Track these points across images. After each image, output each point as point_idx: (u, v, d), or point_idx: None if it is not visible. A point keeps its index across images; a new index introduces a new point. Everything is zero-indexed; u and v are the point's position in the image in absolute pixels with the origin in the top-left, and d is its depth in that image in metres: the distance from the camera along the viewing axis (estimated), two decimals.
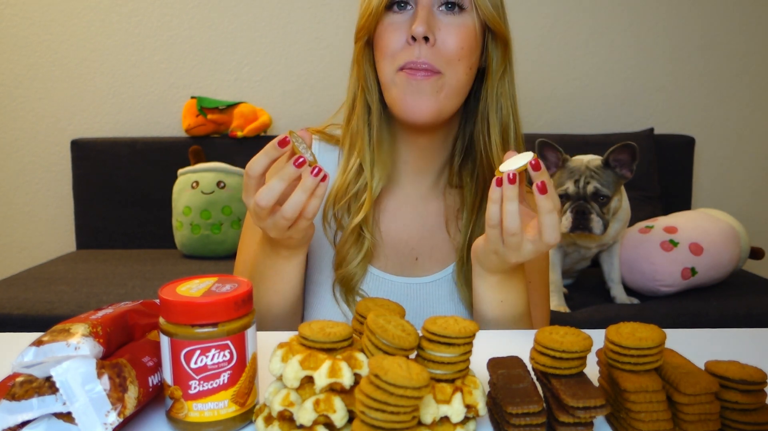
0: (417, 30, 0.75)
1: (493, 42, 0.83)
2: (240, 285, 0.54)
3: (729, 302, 1.72)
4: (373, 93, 0.85)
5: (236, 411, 0.52)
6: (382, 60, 0.80)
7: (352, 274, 0.86)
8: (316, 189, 0.68)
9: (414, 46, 0.77)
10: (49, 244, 2.46)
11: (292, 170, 0.67)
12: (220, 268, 2.01)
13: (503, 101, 0.84)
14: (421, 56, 0.77)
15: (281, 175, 0.67)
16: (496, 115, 0.84)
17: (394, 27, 0.79)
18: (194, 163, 2.20)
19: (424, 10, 0.77)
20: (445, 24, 0.78)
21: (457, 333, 0.49)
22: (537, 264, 0.92)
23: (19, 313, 1.63)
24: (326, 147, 0.92)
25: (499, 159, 0.84)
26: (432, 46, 0.77)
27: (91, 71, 2.39)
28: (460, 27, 0.79)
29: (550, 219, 0.67)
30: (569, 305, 1.74)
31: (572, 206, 1.64)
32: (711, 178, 2.50)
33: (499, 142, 0.84)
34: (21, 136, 2.42)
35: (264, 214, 0.69)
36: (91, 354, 0.50)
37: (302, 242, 0.77)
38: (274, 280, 0.81)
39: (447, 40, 0.78)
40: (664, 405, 0.49)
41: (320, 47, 2.38)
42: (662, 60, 2.42)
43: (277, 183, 0.68)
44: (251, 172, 0.69)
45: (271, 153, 0.68)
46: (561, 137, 2.20)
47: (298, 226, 0.71)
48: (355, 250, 0.86)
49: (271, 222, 0.70)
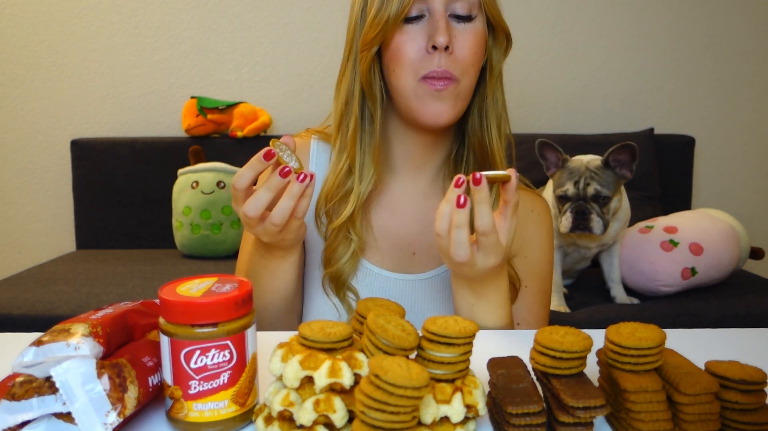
0: (440, 41, 0.77)
1: (494, 40, 0.85)
2: (240, 285, 0.54)
3: (729, 302, 1.72)
4: (377, 101, 0.85)
5: (236, 411, 0.52)
6: (400, 70, 0.80)
7: (341, 271, 0.86)
8: (303, 192, 0.69)
9: (434, 55, 0.78)
10: (49, 244, 2.46)
11: (278, 180, 0.68)
12: (220, 268, 2.01)
13: (498, 95, 0.86)
14: (441, 65, 0.78)
15: (268, 185, 0.69)
16: (493, 111, 0.86)
17: (411, 37, 0.79)
18: (194, 163, 2.20)
19: (442, 20, 0.78)
20: (459, 31, 0.80)
21: (457, 333, 0.49)
22: (534, 269, 0.91)
23: (19, 313, 1.63)
24: (324, 146, 0.93)
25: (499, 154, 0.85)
26: (450, 54, 0.79)
27: (91, 71, 2.39)
28: (473, 33, 0.80)
29: (456, 234, 0.68)
30: (569, 305, 1.74)
31: (572, 206, 1.64)
32: (711, 178, 2.50)
33: (497, 137, 0.86)
34: (21, 136, 2.42)
35: (254, 222, 0.71)
36: (91, 354, 0.50)
37: (295, 242, 0.78)
38: (269, 280, 0.82)
39: (463, 47, 0.79)
40: (664, 405, 0.49)
41: (320, 47, 2.38)
42: (662, 60, 2.42)
43: (264, 193, 0.69)
44: (237, 185, 0.70)
45: (257, 166, 0.69)
46: (561, 137, 2.20)
47: (289, 227, 0.73)
48: (344, 248, 0.86)
49: (262, 229, 0.72)
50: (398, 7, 0.77)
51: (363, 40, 0.82)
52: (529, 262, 0.91)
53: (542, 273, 0.92)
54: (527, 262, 0.91)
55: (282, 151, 0.69)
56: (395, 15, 0.78)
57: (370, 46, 0.81)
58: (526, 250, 0.91)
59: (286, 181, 0.69)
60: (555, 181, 1.72)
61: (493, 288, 0.76)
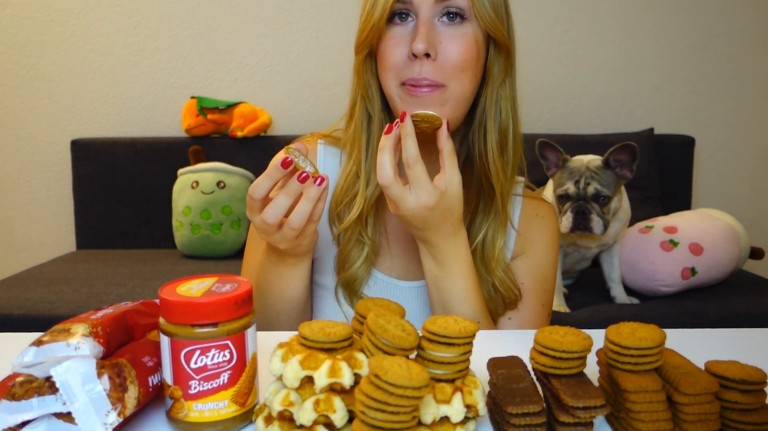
0: (417, 47, 0.75)
1: (495, 49, 0.82)
2: (240, 285, 0.54)
3: (729, 302, 1.72)
4: (374, 102, 0.85)
5: (236, 411, 0.52)
6: (385, 74, 0.80)
7: (355, 277, 0.87)
8: (320, 195, 0.70)
9: (416, 62, 0.77)
10: (49, 244, 2.46)
11: (297, 186, 0.69)
12: (220, 268, 2.01)
13: (503, 104, 0.83)
14: (422, 72, 0.77)
15: (287, 191, 0.69)
16: (495, 121, 0.83)
17: (395, 41, 0.78)
18: (194, 163, 2.20)
19: (424, 26, 0.76)
20: (446, 36, 0.77)
21: (457, 333, 0.49)
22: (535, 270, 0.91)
23: (19, 313, 1.63)
24: (331, 150, 0.93)
25: (495, 163, 0.83)
26: (434, 61, 0.77)
27: (91, 71, 2.39)
28: (462, 38, 0.77)
29: (380, 156, 0.72)
30: (569, 305, 1.74)
31: (572, 206, 1.64)
32: (711, 178, 2.50)
33: (495, 148, 0.83)
34: (21, 136, 2.42)
35: (272, 230, 0.71)
36: (91, 354, 0.50)
37: (309, 248, 0.78)
38: (281, 288, 0.82)
39: (449, 52, 0.77)
40: (664, 405, 0.49)
41: (320, 47, 2.38)
42: (662, 60, 2.42)
43: (284, 199, 0.69)
44: (255, 194, 0.70)
45: (275, 175, 0.69)
46: (561, 137, 2.20)
47: (306, 232, 0.73)
48: (357, 252, 0.86)
49: (279, 236, 0.72)
50: (381, 10, 0.77)
51: (356, 42, 0.82)
52: (530, 262, 0.91)
53: (543, 274, 0.92)
54: (528, 262, 0.91)
55: (296, 156, 0.70)
56: (377, 18, 0.77)
57: (361, 50, 0.82)
58: (528, 251, 0.91)
59: (304, 186, 0.69)
60: (555, 180, 1.72)
61: (453, 256, 0.77)
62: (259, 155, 2.23)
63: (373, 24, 0.78)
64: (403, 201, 0.72)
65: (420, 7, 0.77)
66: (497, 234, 0.86)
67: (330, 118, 2.44)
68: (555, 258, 0.94)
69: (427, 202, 0.72)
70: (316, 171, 0.70)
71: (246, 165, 2.21)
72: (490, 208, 0.86)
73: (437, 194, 0.72)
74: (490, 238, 0.86)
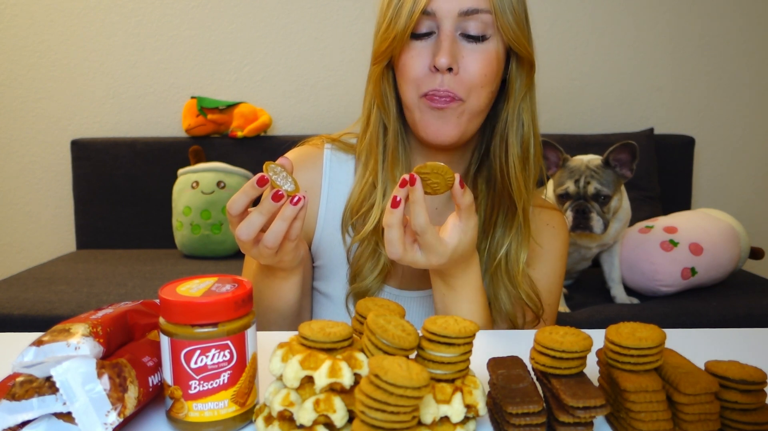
0: (441, 62, 0.75)
1: (517, 63, 0.82)
2: (240, 286, 0.54)
3: (729, 302, 1.72)
4: (390, 113, 0.84)
5: (236, 411, 0.52)
6: (405, 85, 0.80)
7: (367, 288, 0.86)
8: (297, 214, 0.68)
9: (437, 75, 0.77)
10: (49, 244, 2.46)
11: (270, 204, 0.67)
12: (220, 268, 2.01)
13: (525, 117, 0.83)
14: (444, 85, 0.77)
15: (260, 209, 0.68)
16: (517, 134, 0.83)
17: (417, 53, 0.78)
18: (194, 163, 2.20)
19: (447, 39, 0.76)
20: (468, 51, 0.78)
21: (457, 333, 0.49)
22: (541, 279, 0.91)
23: (19, 313, 1.63)
24: (341, 156, 0.91)
25: (516, 178, 0.82)
26: (455, 75, 0.77)
27: (91, 71, 2.39)
28: (484, 54, 0.78)
29: (387, 233, 0.69)
30: (569, 305, 1.74)
31: (572, 205, 1.64)
32: (711, 178, 2.50)
33: (518, 162, 0.82)
34: (21, 136, 2.42)
35: (248, 245, 0.70)
36: (91, 354, 0.50)
37: (293, 263, 0.77)
38: (272, 299, 0.82)
39: (470, 67, 0.77)
40: (664, 405, 0.49)
41: (320, 47, 2.38)
42: (662, 60, 2.42)
43: (257, 216, 0.68)
44: (232, 211, 0.69)
45: (250, 192, 0.68)
46: (561, 137, 2.20)
47: (284, 249, 0.72)
48: (372, 264, 0.86)
49: (257, 252, 0.71)
50: (405, 22, 0.76)
51: (374, 53, 0.82)
52: (536, 271, 0.90)
53: (548, 285, 0.92)
54: (534, 274, 0.90)
55: (277, 173, 0.68)
56: (402, 30, 0.77)
57: (380, 60, 0.81)
58: (536, 260, 0.91)
59: (279, 205, 0.67)
60: (555, 180, 1.72)
61: (462, 282, 0.77)
62: (259, 155, 2.23)
63: (396, 35, 0.77)
64: (416, 263, 0.72)
65: (443, 20, 0.77)
66: (521, 249, 0.85)
67: (330, 118, 2.45)
68: (562, 271, 0.93)
69: (438, 262, 0.71)
70: (296, 189, 0.68)
71: (246, 165, 2.21)
72: (511, 222, 0.85)
73: (449, 253, 0.71)
74: (514, 253, 0.85)
